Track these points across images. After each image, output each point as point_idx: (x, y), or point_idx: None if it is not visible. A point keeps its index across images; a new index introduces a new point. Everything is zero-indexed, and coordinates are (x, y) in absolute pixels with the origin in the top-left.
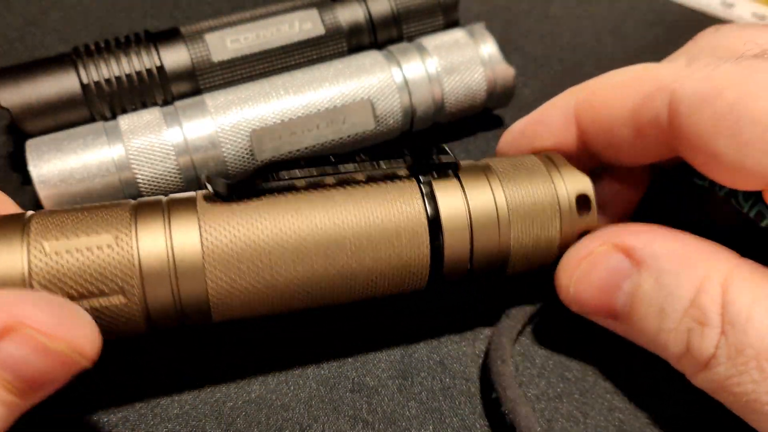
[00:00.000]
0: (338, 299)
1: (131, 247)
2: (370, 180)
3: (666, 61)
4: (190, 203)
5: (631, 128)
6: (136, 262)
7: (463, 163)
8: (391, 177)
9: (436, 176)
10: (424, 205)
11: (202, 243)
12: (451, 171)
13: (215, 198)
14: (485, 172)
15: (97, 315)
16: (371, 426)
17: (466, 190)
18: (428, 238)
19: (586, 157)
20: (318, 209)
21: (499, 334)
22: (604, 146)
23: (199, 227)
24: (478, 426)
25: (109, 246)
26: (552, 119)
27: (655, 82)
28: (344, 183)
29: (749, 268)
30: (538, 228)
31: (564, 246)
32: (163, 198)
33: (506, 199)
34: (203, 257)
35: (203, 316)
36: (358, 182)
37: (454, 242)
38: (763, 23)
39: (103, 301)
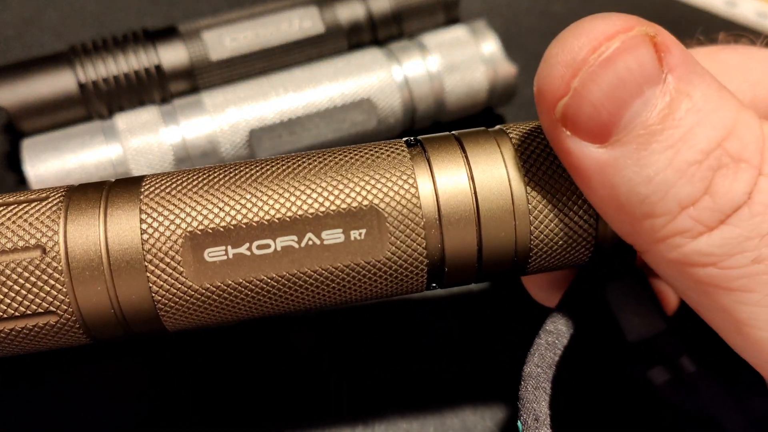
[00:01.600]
0: (323, 297)
1: (58, 255)
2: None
3: None
4: (134, 186)
5: None
6: (65, 272)
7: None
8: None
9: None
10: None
11: (141, 234)
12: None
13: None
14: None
15: (29, 335)
16: None
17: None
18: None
19: None
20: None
21: (529, 402)
22: None
23: (140, 214)
24: None
25: (30, 261)
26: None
27: None
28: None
29: None
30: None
31: (602, 241)
32: (109, 181)
33: (522, 176)
34: (143, 251)
35: (152, 324)
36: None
37: (456, 234)
38: None
39: (30, 323)
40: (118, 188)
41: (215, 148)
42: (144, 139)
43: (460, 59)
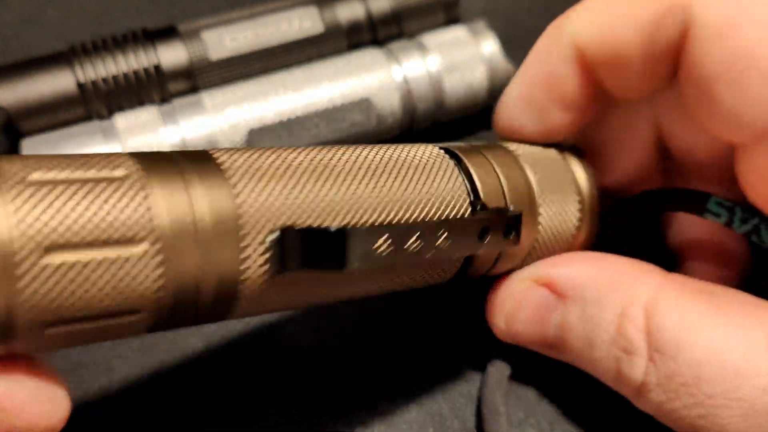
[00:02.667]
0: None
1: (152, 247)
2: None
3: None
4: (205, 161)
5: (642, 57)
6: (159, 262)
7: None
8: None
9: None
10: (463, 180)
11: (236, 209)
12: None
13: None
14: (510, 153)
15: (108, 330)
16: None
17: (496, 167)
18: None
19: (590, 93)
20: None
21: (488, 388)
22: (611, 79)
23: (232, 190)
24: None
25: (120, 254)
26: (557, 69)
27: (666, 1)
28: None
29: (676, 286)
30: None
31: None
32: (173, 152)
33: (536, 180)
34: (238, 228)
35: (221, 311)
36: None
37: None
38: None
39: (105, 324)
40: (188, 162)
41: (215, 147)
42: (143, 138)
43: (460, 59)
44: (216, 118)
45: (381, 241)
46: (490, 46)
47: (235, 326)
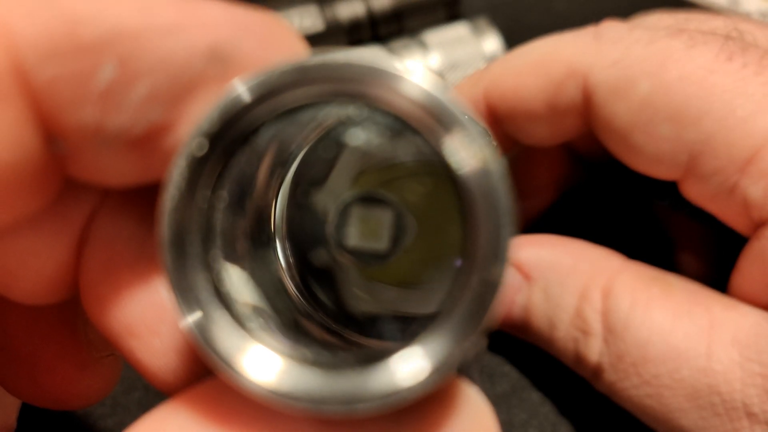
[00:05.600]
0: None
1: None
2: None
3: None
4: None
5: (547, 115)
6: None
7: None
8: None
9: None
10: None
11: None
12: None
13: None
14: None
15: None
16: None
17: None
18: None
19: (499, 138)
20: None
21: (465, 367)
22: (518, 131)
23: None
24: None
25: None
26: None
27: (564, 67)
28: None
29: (633, 271)
30: None
31: None
32: None
33: None
34: None
35: None
36: None
37: None
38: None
39: None
40: None
41: None
42: None
43: (462, 57)
44: None
45: None
46: (491, 43)
47: None
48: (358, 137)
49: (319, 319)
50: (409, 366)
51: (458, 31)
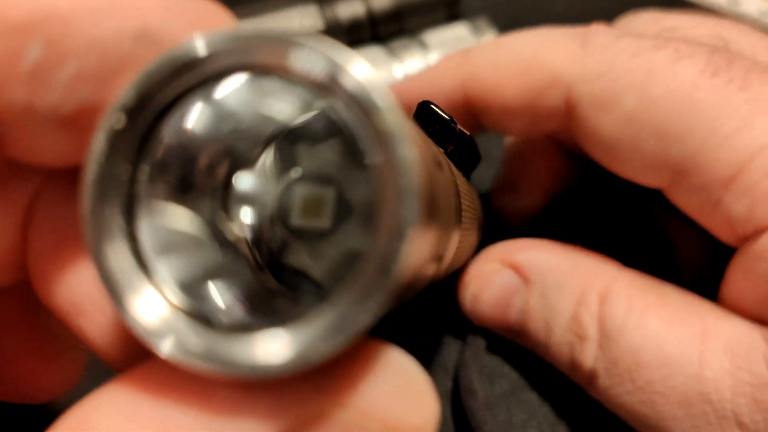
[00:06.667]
0: None
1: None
2: None
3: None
4: None
5: (526, 116)
6: None
7: None
8: None
9: None
10: None
11: None
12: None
13: None
14: None
15: None
16: None
17: None
18: None
19: (473, 124)
20: None
21: (464, 364)
22: (495, 124)
23: None
24: None
25: None
26: (439, 94)
27: (548, 74)
28: None
29: (629, 278)
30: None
31: None
32: None
33: None
34: None
35: None
36: None
37: None
38: (706, 15)
39: None
40: None
41: None
42: None
43: None
44: None
45: None
46: None
47: None
48: (300, 122)
49: (252, 258)
50: (274, 343)
51: (458, 31)
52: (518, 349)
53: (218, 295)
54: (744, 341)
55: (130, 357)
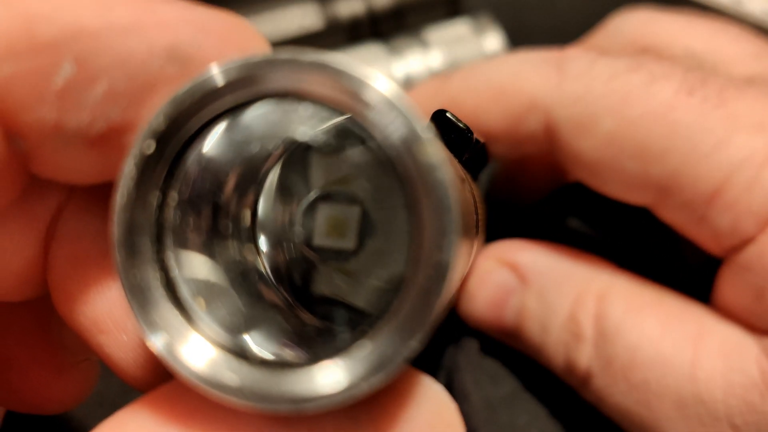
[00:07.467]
0: None
1: None
2: None
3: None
4: None
5: (505, 139)
6: None
7: None
8: None
9: None
10: None
11: None
12: None
13: None
14: None
15: None
16: None
17: None
18: None
19: None
20: None
21: (458, 368)
22: None
23: None
24: None
25: None
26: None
27: (525, 100)
28: None
29: (626, 280)
30: None
31: None
32: None
33: None
34: None
35: None
36: None
37: None
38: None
39: None
40: None
41: None
42: None
43: (463, 55)
44: None
45: None
46: (493, 41)
47: None
48: (316, 138)
49: (282, 297)
50: (331, 374)
51: (459, 28)
52: (511, 351)
53: (254, 336)
54: (737, 344)
55: (151, 376)
